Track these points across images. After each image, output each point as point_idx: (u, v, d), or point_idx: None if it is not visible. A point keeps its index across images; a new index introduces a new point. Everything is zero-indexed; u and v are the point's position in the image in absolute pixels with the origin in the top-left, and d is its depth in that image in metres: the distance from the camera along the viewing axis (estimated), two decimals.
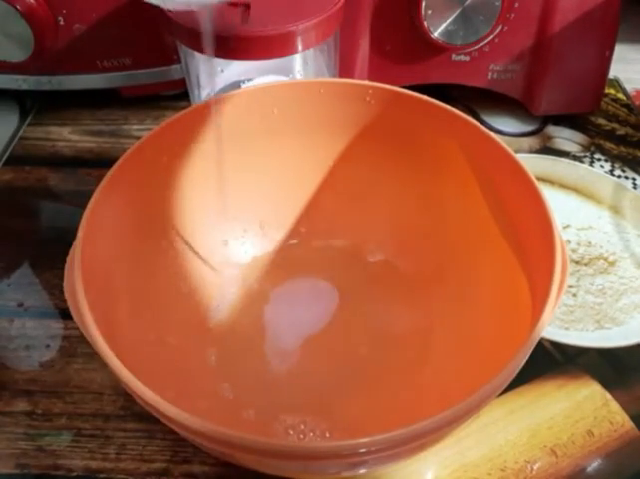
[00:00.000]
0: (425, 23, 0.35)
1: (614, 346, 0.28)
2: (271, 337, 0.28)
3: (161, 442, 0.25)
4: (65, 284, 0.20)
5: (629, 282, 0.31)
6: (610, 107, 0.41)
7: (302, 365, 0.27)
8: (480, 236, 0.26)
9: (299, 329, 0.28)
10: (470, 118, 0.25)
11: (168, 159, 0.26)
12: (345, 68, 0.36)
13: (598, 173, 0.37)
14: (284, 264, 0.30)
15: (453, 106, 0.26)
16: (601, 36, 0.37)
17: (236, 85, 0.32)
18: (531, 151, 0.38)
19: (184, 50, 0.32)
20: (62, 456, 0.25)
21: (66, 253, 0.21)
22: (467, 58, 0.38)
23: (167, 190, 0.26)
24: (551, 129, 0.40)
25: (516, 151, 0.24)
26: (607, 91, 0.42)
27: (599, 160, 0.38)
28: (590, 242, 0.32)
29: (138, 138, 0.24)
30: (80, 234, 0.21)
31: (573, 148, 0.38)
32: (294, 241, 0.31)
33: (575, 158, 0.38)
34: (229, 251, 0.30)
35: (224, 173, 0.27)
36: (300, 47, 0.28)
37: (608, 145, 0.39)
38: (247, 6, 0.29)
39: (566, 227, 0.33)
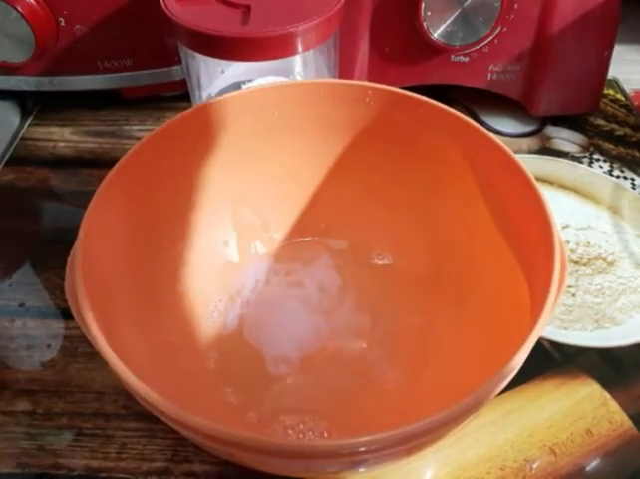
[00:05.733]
0: (424, 24, 0.35)
1: (613, 346, 0.28)
2: (270, 337, 0.28)
3: (162, 441, 0.25)
4: (66, 284, 0.20)
5: (628, 282, 0.31)
6: (609, 107, 0.42)
7: (301, 366, 0.27)
8: (480, 235, 0.26)
9: (298, 329, 0.28)
10: (469, 119, 0.25)
11: (169, 159, 0.26)
12: (345, 69, 0.36)
13: (597, 173, 0.37)
14: (284, 265, 0.30)
15: (452, 107, 0.26)
16: (600, 37, 0.37)
17: (237, 86, 0.32)
18: (530, 151, 0.38)
19: (185, 51, 0.32)
20: (63, 455, 0.25)
21: (67, 253, 0.21)
22: (466, 59, 0.38)
23: (168, 190, 0.26)
24: (550, 129, 0.40)
25: (516, 151, 0.24)
26: (606, 91, 0.42)
27: (598, 160, 0.38)
28: (589, 243, 0.32)
29: (139, 138, 0.24)
30: (81, 234, 0.21)
31: (572, 148, 0.38)
32: (295, 242, 0.31)
33: (574, 158, 0.38)
34: (229, 252, 0.30)
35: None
36: (300, 48, 0.28)
37: (607, 145, 0.39)
38: (248, 7, 0.29)
39: (565, 227, 0.33)
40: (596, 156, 0.38)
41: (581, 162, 0.37)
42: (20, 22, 0.35)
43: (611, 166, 0.37)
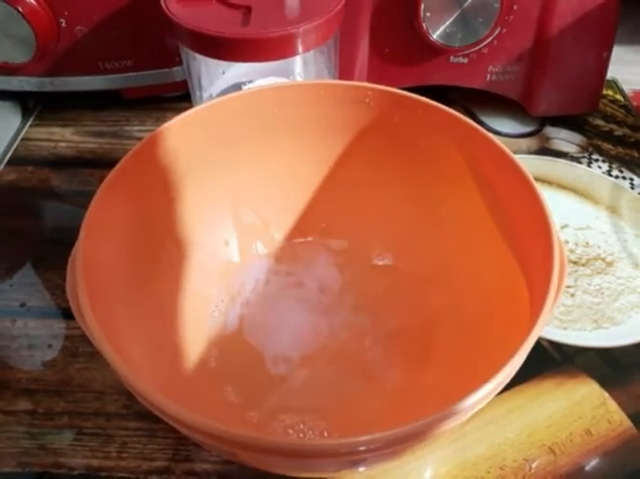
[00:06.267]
0: (424, 25, 0.35)
1: (612, 346, 0.28)
2: (271, 337, 0.28)
3: (163, 441, 0.25)
4: (67, 284, 0.21)
5: (626, 282, 0.31)
6: (608, 108, 0.42)
7: (301, 365, 0.27)
8: (479, 236, 0.26)
9: (298, 329, 0.28)
10: (468, 119, 0.25)
11: (170, 160, 0.26)
12: (345, 70, 0.36)
13: (596, 174, 0.37)
14: (285, 265, 0.30)
15: (451, 107, 0.26)
16: (599, 37, 0.37)
17: (237, 87, 0.32)
18: (529, 152, 0.38)
19: (186, 52, 0.32)
20: (64, 455, 0.25)
21: (68, 253, 0.21)
22: (465, 60, 0.38)
23: (169, 190, 0.26)
24: (549, 130, 0.40)
25: (515, 152, 0.24)
26: (605, 92, 0.42)
27: (597, 161, 0.38)
28: (588, 243, 0.32)
29: (139, 139, 0.25)
30: (82, 234, 0.21)
31: (571, 149, 0.39)
32: (295, 242, 0.31)
33: (573, 159, 0.38)
34: (230, 251, 0.30)
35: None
36: (300, 49, 0.29)
37: (606, 146, 0.39)
38: (248, 8, 0.29)
39: (564, 227, 0.33)
40: (595, 156, 0.38)
41: (580, 162, 0.38)
42: (21, 23, 0.35)
43: (610, 166, 0.37)
